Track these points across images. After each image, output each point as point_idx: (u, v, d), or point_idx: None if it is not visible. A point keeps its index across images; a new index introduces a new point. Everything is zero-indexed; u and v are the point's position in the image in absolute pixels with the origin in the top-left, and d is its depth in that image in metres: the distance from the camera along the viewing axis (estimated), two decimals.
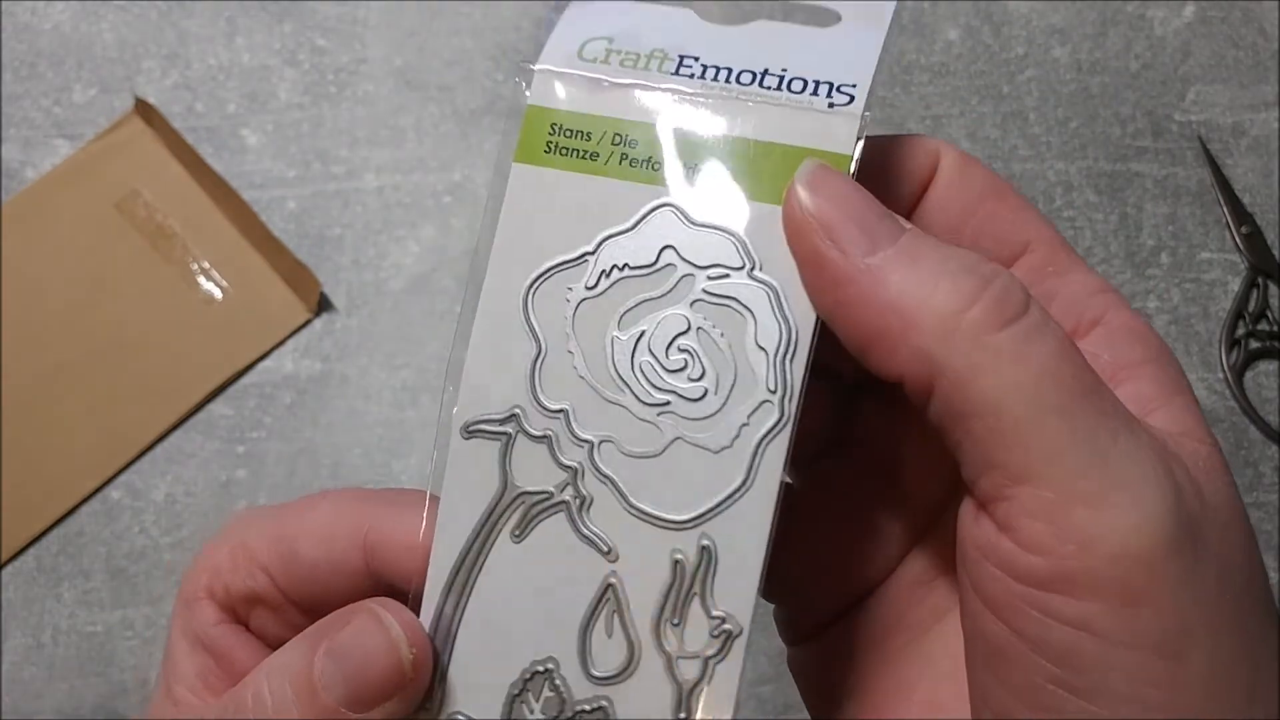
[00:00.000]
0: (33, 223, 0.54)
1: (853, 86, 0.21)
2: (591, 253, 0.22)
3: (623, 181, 0.22)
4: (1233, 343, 0.54)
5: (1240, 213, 0.55)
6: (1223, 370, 0.54)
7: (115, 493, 0.51)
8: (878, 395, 0.25)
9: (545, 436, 0.22)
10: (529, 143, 0.22)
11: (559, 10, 0.23)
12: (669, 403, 0.21)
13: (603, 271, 0.22)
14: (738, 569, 0.21)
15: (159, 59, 0.56)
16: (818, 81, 0.21)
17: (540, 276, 0.22)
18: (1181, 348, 0.54)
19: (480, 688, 0.22)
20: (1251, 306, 0.54)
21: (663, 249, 0.21)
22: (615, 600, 0.21)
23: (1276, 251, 0.55)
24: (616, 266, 0.22)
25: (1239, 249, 0.55)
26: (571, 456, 0.22)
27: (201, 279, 0.53)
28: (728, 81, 0.22)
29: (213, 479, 0.51)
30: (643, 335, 0.21)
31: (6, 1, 0.57)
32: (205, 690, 0.24)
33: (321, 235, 0.54)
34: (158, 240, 0.54)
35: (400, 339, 0.53)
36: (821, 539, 0.25)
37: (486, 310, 0.22)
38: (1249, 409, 0.53)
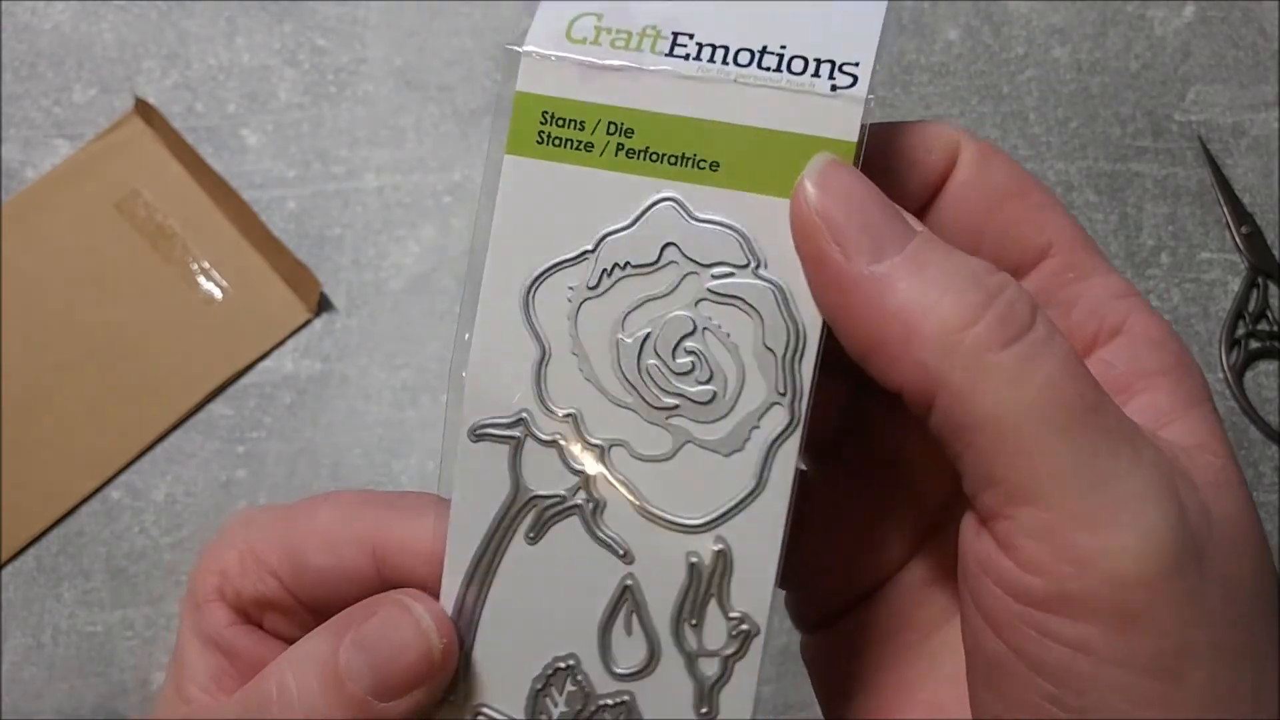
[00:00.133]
0: (33, 223, 0.54)
1: (855, 65, 0.20)
2: (591, 251, 0.21)
3: (619, 174, 0.21)
4: (1233, 343, 0.54)
5: (1240, 213, 0.55)
6: (1223, 370, 0.54)
7: (115, 493, 0.51)
8: (886, 392, 0.25)
9: (554, 441, 0.21)
10: (520, 133, 0.21)
11: None
12: (678, 406, 0.21)
13: (604, 270, 0.21)
14: (753, 570, 0.21)
15: (159, 59, 0.56)
16: (819, 60, 0.20)
17: (539, 276, 0.21)
18: None
19: (503, 682, 0.22)
20: (1251, 306, 0.54)
21: (665, 246, 0.21)
22: (633, 600, 0.22)
23: (1276, 251, 0.55)
24: (618, 265, 0.21)
25: (1239, 249, 0.55)
26: (582, 461, 0.21)
27: (201, 279, 0.53)
28: (725, 63, 0.21)
29: (213, 479, 0.51)
30: (648, 337, 0.21)
31: (6, 1, 0.57)
32: (219, 690, 0.24)
33: (321, 235, 0.54)
34: (158, 240, 0.54)
35: (400, 339, 0.53)
36: (828, 533, 0.25)
37: (486, 310, 0.21)
38: (1249, 409, 0.53)
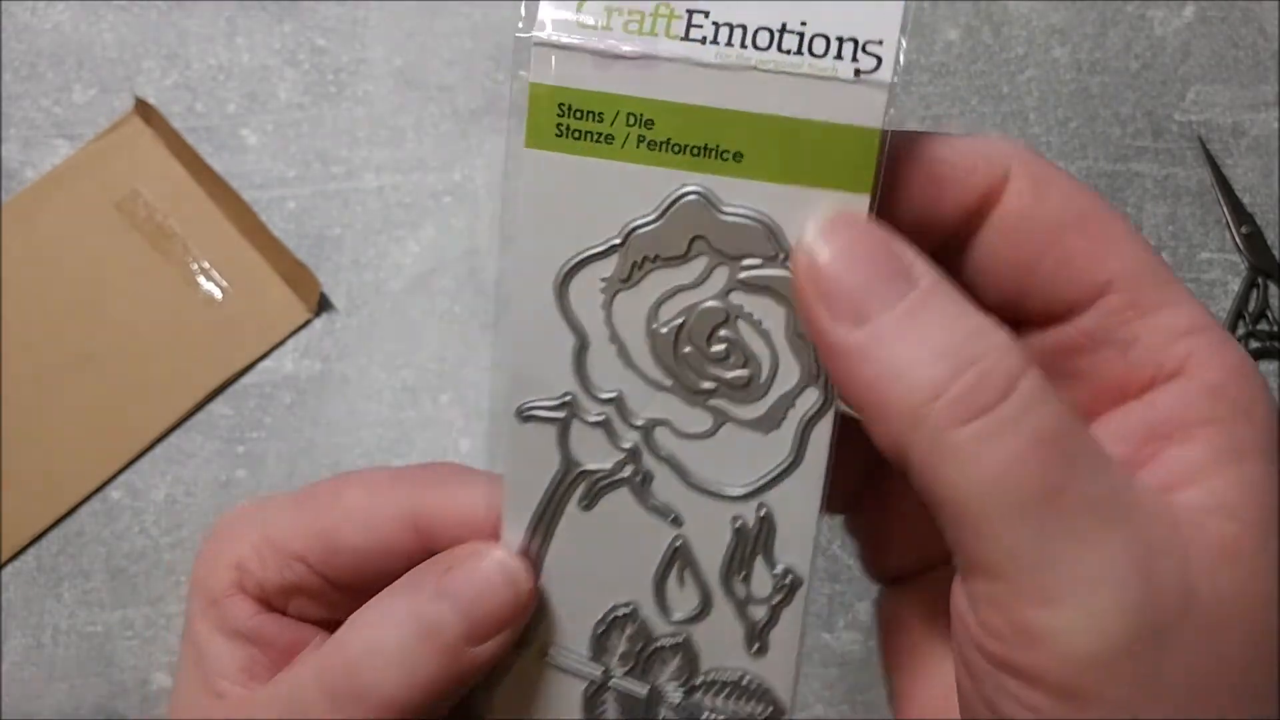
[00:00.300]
0: (33, 223, 0.53)
1: (879, 44, 0.20)
2: (620, 244, 0.21)
3: (643, 166, 0.21)
4: None
5: (1240, 213, 0.55)
6: None
7: (115, 493, 0.51)
8: None
9: (600, 421, 0.23)
10: (539, 126, 0.21)
11: None
12: (715, 389, 0.22)
13: (634, 264, 0.22)
14: (795, 530, 0.23)
15: (159, 59, 0.56)
16: (841, 39, 0.20)
17: (570, 268, 0.22)
18: None
19: (568, 624, 0.24)
20: (1251, 306, 0.54)
21: (693, 240, 0.21)
22: (684, 558, 0.23)
23: (1276, 251, 0.55)
24: (648, 258, 0.21)
25: (1239, 249, 0.55)
26: (628, 439, 0.23)
27: (201, 279, 0.53)
28: (743, 45, 0.20)
29: (213, 479, 0.51)
30: (683, 326, 0.22)
31: (6, 1, 0.57)
32: (251, 680, 0.24)
33: (321, 235, 0.54)
34: (158, 240, 0.54)
35: (400, 339, 0.53)
36: (906, 492, 0.25)
37: (521, 302, 0.22)
38: None
